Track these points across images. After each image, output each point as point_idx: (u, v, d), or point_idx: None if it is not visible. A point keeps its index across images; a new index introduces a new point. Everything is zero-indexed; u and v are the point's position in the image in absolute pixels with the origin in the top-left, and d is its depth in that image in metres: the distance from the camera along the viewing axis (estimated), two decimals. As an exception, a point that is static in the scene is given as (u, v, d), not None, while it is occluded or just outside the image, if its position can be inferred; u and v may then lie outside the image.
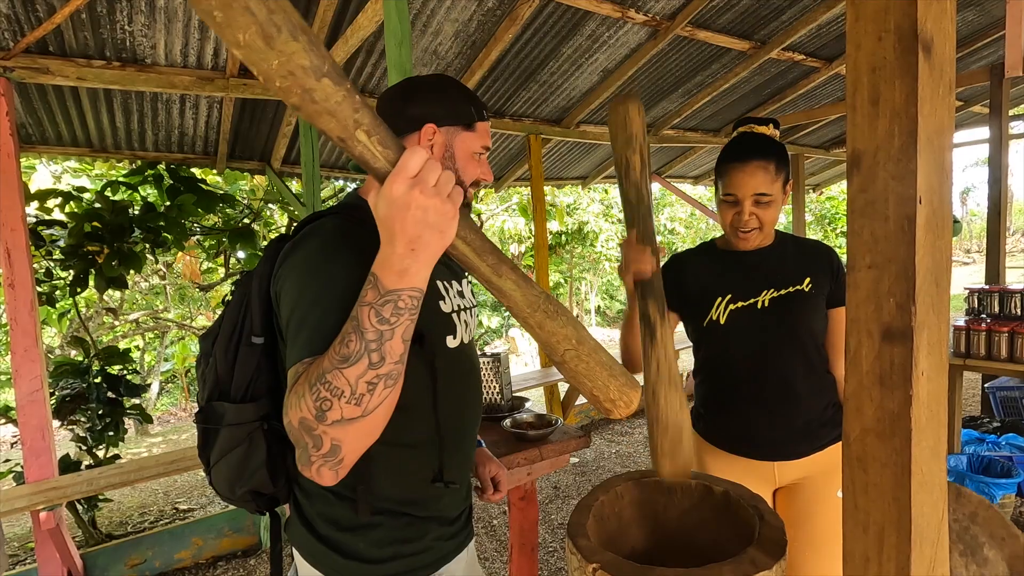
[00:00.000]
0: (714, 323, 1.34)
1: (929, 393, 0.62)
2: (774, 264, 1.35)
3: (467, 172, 0.96)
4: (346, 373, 0.65)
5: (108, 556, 2.72)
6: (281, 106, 3.29)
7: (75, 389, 3.07)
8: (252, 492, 0.91)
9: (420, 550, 0.92)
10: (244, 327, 0.88)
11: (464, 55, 3.18)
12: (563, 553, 2.77)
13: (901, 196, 0.60)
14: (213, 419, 0.89)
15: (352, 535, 0.89)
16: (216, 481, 0.92)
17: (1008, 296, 2.77)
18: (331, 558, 0.89)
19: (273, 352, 0.90)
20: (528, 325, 0.79)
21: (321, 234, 0.84)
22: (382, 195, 0.63)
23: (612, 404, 0.85)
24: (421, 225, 0.63)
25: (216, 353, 0.89)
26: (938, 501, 0.65)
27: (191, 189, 3.57)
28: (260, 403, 0.88)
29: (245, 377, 0.88)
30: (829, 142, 6.29)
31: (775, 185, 1.27)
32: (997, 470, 2.68)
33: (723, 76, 4.02)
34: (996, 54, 4.11)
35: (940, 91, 0.61)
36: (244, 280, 0.92)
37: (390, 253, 0.65)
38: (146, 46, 2.58)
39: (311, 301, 0.77)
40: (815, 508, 1.34)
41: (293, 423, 0.69)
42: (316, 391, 0.66)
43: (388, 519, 0.89)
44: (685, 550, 1.09)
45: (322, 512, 0.90)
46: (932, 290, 0.62)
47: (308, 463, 0.68)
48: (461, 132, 0.94)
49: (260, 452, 0.88)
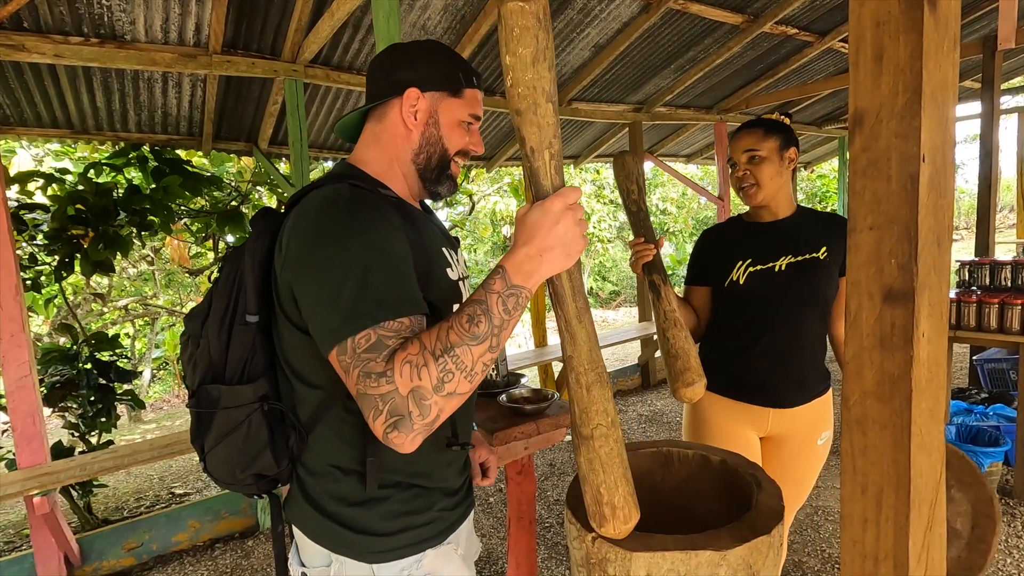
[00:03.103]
0: (734, 283, 1.50)
1: (929, 355, 0.62)
2: (793, 233, 1.49)
3: (452, 140, 0.94)
4: (473, 350, 0.70)
5: (104, 540, 2.72)
6: (267, 84, 3.22)
7: (65, 376, 3.04)
8: (255, 475, 0.89)
9: (428, 521, 0.91)
10: (237, 306, 0.86)
11: (453, 30, 3.11)
12: (560, 528, 2.81)
13: (904, 154, 0.59)
14: (207, 403, 0.87)
15: (361, 509, 0.88)
16: (213, 466, 0.90)
17: (999, 268, 2.79)
18: (339, 534, 0.88)
19: (268, 330, 0.88)
20: (578, 383, 0.79)
21: (346, 200, 0.81)
22: (540, 205, 0.74)
23: (611, 512, 0.80)
24: (559, 240, 0.73)
25: (208, 334, 0.86)
26: (936, 463, 0.65)
27: (177, 171, 3.50)
28: (257, 384, 0.86)
29: (240, 358, 0.86)
30: (821, 119, 6.27)
31: (765, 144, 1.44)
32: (985, 439, 2.73)
33: (716, 51, 3.97)
34: (989, 27, 4.08)
35: (945, 46, 0.60)
36: (233, 257, 0.89)
37: (524, 253, 0.73)
38: (125, 22, 2.50)
39: (364, 267, 0.75)
40: (800, 455, 1.54)
41: (400, 390, 0.68)
42: (443, 363, 0.69)
43: (397, 492, 0.89)
44: (684, 519, 1.10)
45: (329, 490, 0.89)
46: (934, 251, 0.61)
47: (409, 430, 0.69)
48: (447, 99, 0.92)
49: (262, 434, 0.86)
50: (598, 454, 0.80)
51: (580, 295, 0.79)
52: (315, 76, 3.08)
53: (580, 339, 0.79)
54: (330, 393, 0.86)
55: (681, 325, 1.33)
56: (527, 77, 0.71)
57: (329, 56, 3.10)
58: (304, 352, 0.85)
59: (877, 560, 0.62)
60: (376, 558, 0.87)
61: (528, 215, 0.74)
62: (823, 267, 1.45)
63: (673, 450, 1.13)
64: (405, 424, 0.69)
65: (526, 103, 0.72)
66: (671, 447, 1.13)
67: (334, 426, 0.87)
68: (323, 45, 2.84)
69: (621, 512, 0.81)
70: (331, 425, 0.87)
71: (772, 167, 1.45)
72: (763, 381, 1.50)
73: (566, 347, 0.80)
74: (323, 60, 3.11)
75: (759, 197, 1.48)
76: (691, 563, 0.78)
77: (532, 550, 1.78)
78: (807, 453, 1.54)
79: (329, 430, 0.88)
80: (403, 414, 0.69)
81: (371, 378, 0.70)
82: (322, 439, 0.88)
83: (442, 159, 0.94)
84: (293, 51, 2.89)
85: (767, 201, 1.49)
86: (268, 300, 0.87)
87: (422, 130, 0.92)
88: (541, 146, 0.74)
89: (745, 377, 1.51)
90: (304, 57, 2.91)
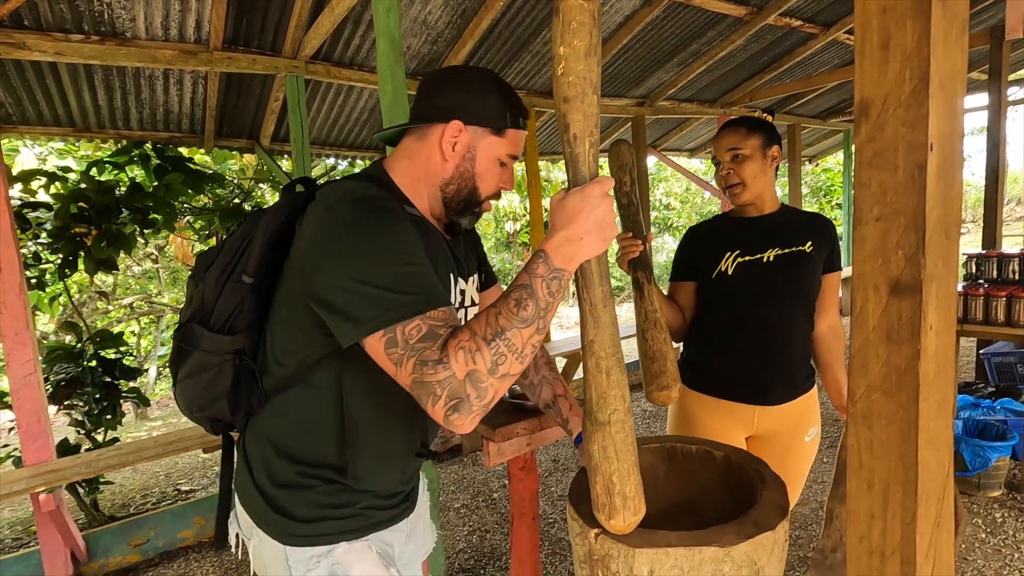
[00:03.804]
0: (722, 274, 1.49)
1: (937, 348, 0.61)
2: (779, 228, 1.50)
3: (486, 179, 0.95)
4: (523, 332, 0.73)
5: (111, 536, 2.74)
6: (268, 80, 3.21)
7: (70, 374, 3.04)
8: (210, 417, 0.95)
9: (348, 515, 0.93)
10: (238, 264, 0.90)
11: (454, 24, 3.10)
12: (564, 524, 2.80)
13: (912, 143, 0.57)
14: (189, 340, 0.92)
15: (285, 491, 0.91)
16: (178, 396, 0.96)
17: (1006, 260, 2.76)
18: (264, 510, 0.91)
19: (261, 293, 0.91)
20: (597, 367, 0.81)
21: (374, 197, 0.83)
22: (579, 191, 0.77)
23: (623, 502, 0.80)
24: (597, 225, 0.77)
25: (207, 279, 0.91)
26: (944, 458, 0.64)
27: (179, 168, 3.49)
28: (236, 337, 0.90)
29: (227, 310, 0.90)
30: (826, 112, 6.22)
31: (747, 142, 1.45)
32: (992, 434, 2.71)
33: (719, 44, 3.94)
34: (996, 16, 4.03)
35: (953, 32, 0.58)
36: (253, 219, 0.92)
37: (564, 237, 0.76)
38: (125, 19, 2.50)
39: (397, 259, 0.77)
40: (788, 453, 1.53)
41: (458, 375, 0.71)
42: (495, 346, 0.72)
43: (321, 484, 0.91)
44: (687, 515, 1.09)
45: (264, 463, 0.92)
46: (942, 242, 0.60)
47: (468, 412, 0.72)
48: (489, 136, 0.92)
49: (224, 383, 0.90)
50: (614, 440, 0.80)
51: (606, 280, 0.82)
52: (316, 72, 3.07)
53: (604, 323, 0.80)
54: (294, 374, 0.89)
55: (662, 326, 1.33)
56: (579, 67, 0.75)
57: (330, 52, 3.09)
58: (291, 330, 0.89)
59: (884, 557, 0.61)
60: (290, 540, 0.90)
61: (567, 200, 0.78)
62: (809, 259, 1.47)
63: (677, 445, 1.12)
64: (464, 406, 0.72)
65: (575, 91, 0.76)
66: (675, 442, 1.12)
67: (285, 405, 0.91)
68: (324, 41, 2.83)
69: (632, 503, 0.81)
70: (284, 403, 0.91)
71: (755, 165, 1.45)
72: (749, 376, 1.49)
73: (588, 331, 0.81)
74: (324, 56, 3.10)
75: (744, 196, 1.48)
76: (695, 559, 0.77)
77: (535, 547, 1.78)
78: (795, 450, 1.54)
79: (281, 406, 0.91)
80: (461, 397, 0.72)
81: (428, 366, 0.72)
82: (272, 414, 0.92)
83: (472, 194, 0.96)
84: (294, 47, 2.88)
85: (753, 199, 1.50)
86: (268, 267, 0.90)
87: (457, 163, 0.93)
88: (584, 134, 0.78)
89: (731, 373, 1.51)
90: (305, 53, 2.90)
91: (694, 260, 1.57)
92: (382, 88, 1.85)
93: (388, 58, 1.81)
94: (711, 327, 1.55)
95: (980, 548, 2.32)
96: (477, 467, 3.61)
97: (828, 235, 1.52)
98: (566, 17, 0.74)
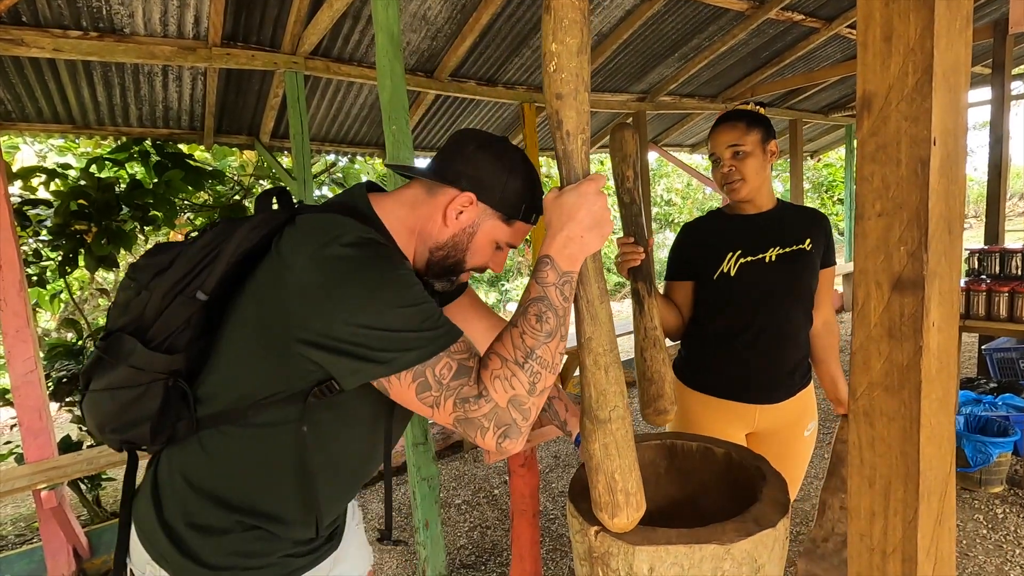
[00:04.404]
0: (724, 275, 1.46)
1: (939, 344, 0.60)
2: (777, 225, 1.48)
3: (475, 254, 0.90)
4: (550, 346, 0.74)
5: (113, 533, 2.72)
6: (268, 76, 3.20)
7: (71, 371, 3.05)
8: (122, 440, 0.85)
9: (262, 566, 0.86)
10: (195, 278, 0.79)
11: (454, 20, 3.08)
12: (565, 520, 2.81)
13: (915, 138, 0.57)
14: (115, 351, 0.80)
15: (196, 534, 0.83)
16: (87, 409, 0.85)
17: (1008, 256, 2.75)
18: (167, 549, 0.83)
19: (212, 311, 0.82)
20: (596, 364, 0.81)
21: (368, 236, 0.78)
22: (574, 189, 0.78)
23: (626, 498, 0.80)
24: (595, 221, 0.77)
25: (154, 288, 0.79)
26: (946, 454, 0.63)
27: (179, 165, 3.49)
28: (175, 357, 0.81)
29: (170, 326, 0.80)
30: (828, 107, 6.19)
31: (748, 138, 1.41)
32: (994, 429, 2.71)
33: (720, 39, 3.92)
34: (1000, 10, 4.00)
35: (957, 24, 0.58)
36: (222, 231, 0.81)
37: (565, 236, 0.76)
38: (123, 15, 2.49)
39: (416, 301, 0.74)
40: (788, 448, 1.54)
41: (500, 404, 0.72)
42: (529, 367, 0.73)
43: (239, 529, 0.84)
44: (687, 512, 1.09)
45: (178, 501, 0.84)
46: (945, 237, 0.59)
47: (518, 434, 0.73)
48: (496, 220, 0.89)
49: (151, 406, 0.81)
50: (615, 437, 0.80)
51: (601, 276, 0.82)
52: (315, 68, 3.06)
53: (601, 320, 0.80)
54: (232, 410, 0.82)
55: (661, 346, 1.28)
56: (572, 64, 0.76)
57: (329, 48, 3.07)
58: (236, 362, 0.82)
59: (885, 554, 0.61)
60: None
61: (562, 198, 0.77)
62: (809, 257, 1.45)
63: (677, 442, 1.11)
64: (513, 431, 0.73)
65: (568, 88, 0.77)
66: (675, 439, 1.12)
67: (216, 441, 0.83)
68: (323, 36, 2.82)
69: (634, 499, 0.80)
70: (215, 439, 0.83)
71: (757, 161, 1.42)
72: (749, 376, 1.48)
73: (586, 328, 0.81)
74: (323, 52, 3.09)
75: (744, 191, 1.45)
76: (695, 557, 0.77)
77: (535, 543, 1.78)
78: (795, 446, 1.54)
79: (211, 442, 0.83)
80: (508, 423, 0.73)
81: (469, 402, 0.72)
82: (198, 447, 0.84)
83: (456, 264, 0.91)
84: (293, 43, 2.87)
85: (752, 195, 1.46)
86: (226, 286, 0.81)
87: (455, 232, 0.89)
88: (577, 130, 0.79)
89: (731, 373, 1.50)
90: (304, 49, 2.89)
91: (692, 259, 1.54)
92: (381, 84, 1.84)
93: (387, 54, 1.80)
94: (710, 328, 1.53)
95: (981, 544, 2.32)
96: (478, 463, 3.61)
97: (823, 230, 1.50)
98: (558, 14, 0.74)
